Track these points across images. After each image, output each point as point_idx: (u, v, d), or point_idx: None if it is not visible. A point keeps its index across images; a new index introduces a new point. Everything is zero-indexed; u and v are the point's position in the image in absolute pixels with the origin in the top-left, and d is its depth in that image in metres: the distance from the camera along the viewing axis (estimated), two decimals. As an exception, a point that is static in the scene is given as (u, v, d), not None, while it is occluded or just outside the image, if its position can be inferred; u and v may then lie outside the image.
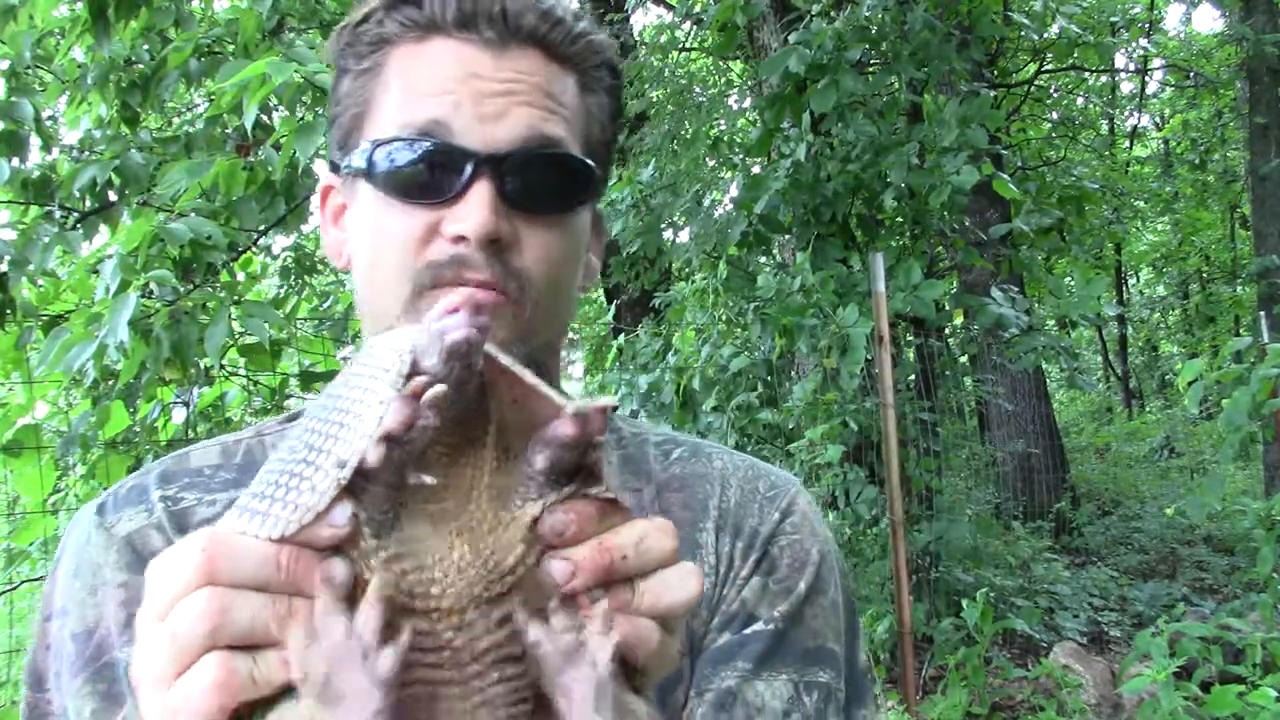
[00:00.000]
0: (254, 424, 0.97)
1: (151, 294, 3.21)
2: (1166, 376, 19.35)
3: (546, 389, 0.52)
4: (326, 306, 5.05)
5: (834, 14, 5.77)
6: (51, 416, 4.17)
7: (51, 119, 4.66)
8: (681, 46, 11.05)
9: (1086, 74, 12.29)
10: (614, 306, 9.41)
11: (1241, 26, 9.31)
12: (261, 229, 3.64)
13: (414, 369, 0.50)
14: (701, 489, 0.91)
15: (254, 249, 4.19)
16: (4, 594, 4.28)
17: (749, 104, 9.98)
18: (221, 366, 3.79)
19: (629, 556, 0.53)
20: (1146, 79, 15.20)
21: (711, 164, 8.30)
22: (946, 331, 6.70)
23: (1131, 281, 21.92)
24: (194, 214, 3.21)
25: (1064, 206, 6.45)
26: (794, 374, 6.02)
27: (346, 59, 0.84)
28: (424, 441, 0.49)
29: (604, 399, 0.51)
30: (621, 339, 6.98)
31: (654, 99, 10.16)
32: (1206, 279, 19.42)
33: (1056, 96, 12.68)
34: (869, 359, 4.83)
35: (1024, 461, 8.46)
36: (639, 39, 11.45)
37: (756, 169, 6.70)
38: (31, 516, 3.91)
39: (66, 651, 0.77)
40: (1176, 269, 19.97)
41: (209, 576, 0.49)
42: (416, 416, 0.48)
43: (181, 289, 3.27)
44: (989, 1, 6.15)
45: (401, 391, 0.49)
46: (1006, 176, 5.82)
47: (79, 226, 3.67)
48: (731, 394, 5.69)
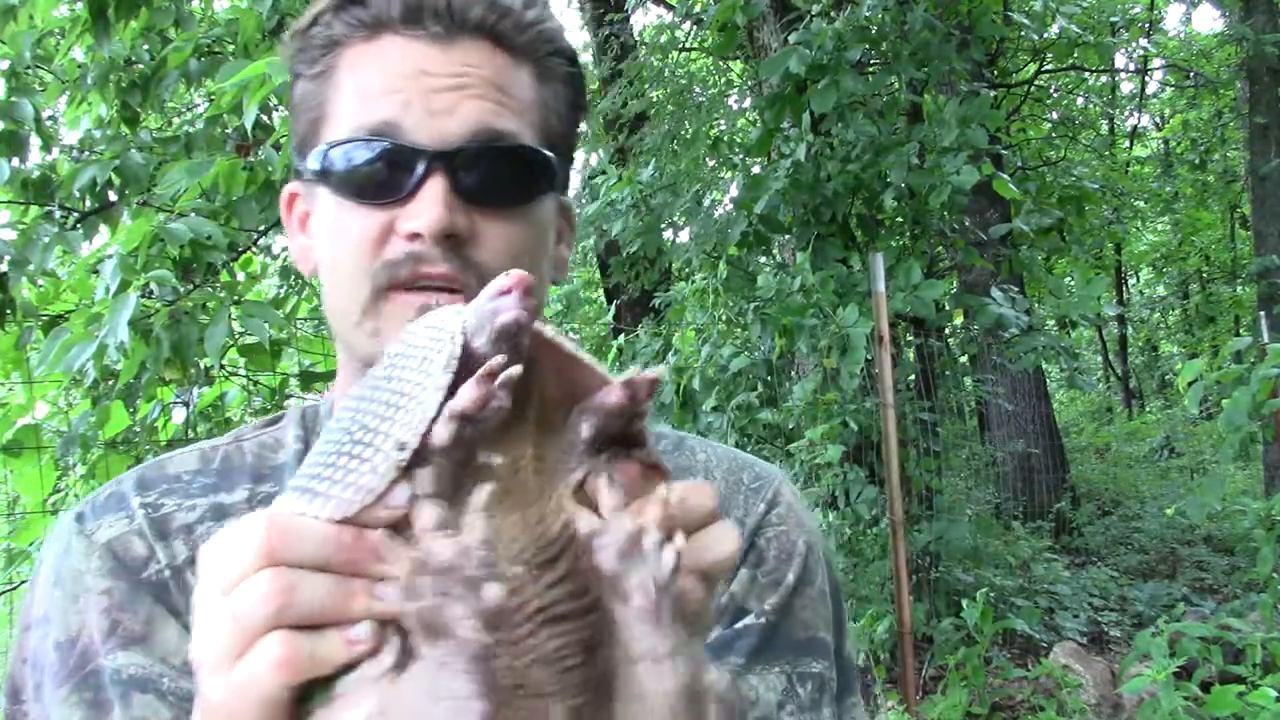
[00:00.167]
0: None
1: (151, 294, 3.21)
2: (1166, 376, 19.36)
3: (590, 360, 0.54)
4: (326, 306, 5.04)
5: (834, 14, 5.77)
6: (51, 416, 4.17)
7: (51, 119, 4.66)
8: (681, 46, 11.05)
9: (1086, 74, 12.29)
10: (614, 306, 9.41)
11: (1241, 26, 9.31)
12: (261, 229, 3.63)
13: (466, 350, 0.51)
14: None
15: (254, 249, 4.19)
16: (4, 594, 4.29)
17: (749, 104, 9.98)
18: (221, 366, 3.79)
19: (674, 515, 0.54)
20: (1146, 79, 15.22)
21: (711, 164, 8.30)
22: (946, 331, 6.70)
23: (1131, 281, 21.93)
24: (194, 214, 3.21)
25: (1064, 206, 6.46)
26: (794, 374, 6.02)
27: (299, 64, 0.84)
28: (496, 421, 0.50)
29: (654, 370, 0.53)
30: (621, 339, 6.98)
31: (654, 99, 10.16)
32: (1206, 279, 19.42)
33: (1056, 96, 12.68)
34: (869, 359, 4.83)
35: (1024, 461, 8.46)
36: (639, 39, 11.45)
37: (756, 169, 6.70)
38: (31, 516, 3.91)
39: (49, 661, 0.77)
40: (1176, 269, 19.97)
41: (272, 557, 0.49)
42: (491, 396, 0.49)
43: (181, 289, 3.27)
44: (989, 1, 6.16)
45: (476, 373, 0.49)
46: (1006, 176, 5.82)
47: (79, 226, 3.67)
48: (731, 394, 5.69)
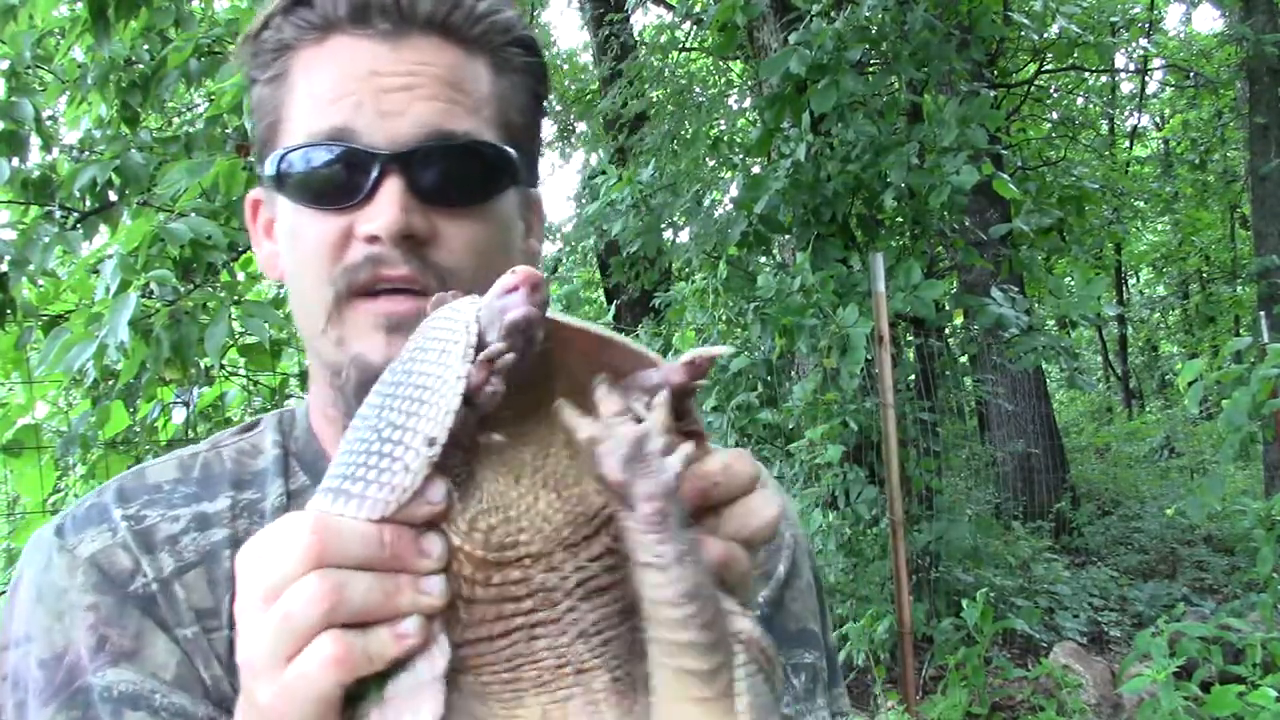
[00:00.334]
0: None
1: (152, 294, 3.21)
2: (1166, 376, 19.36)
3: (625, 341, 0.55)
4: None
5: (834, 14, 5.77)
6: (51, 416, 4.17)
7: (51, 119, 4.65)
8: (681, 46, 11.05)
9: (1086, 74, 12.29)
10: (614, 306, 9.42)
11: (1241, 26, 9.31)
12: (262, 229, 3.62)
13: (481, 340, 0.52)
14: None
15: (254, 249, 4.18)
16: (4, 594, 4.28)
17: (749, 104, 9.99)
18: (221, 366, 3.78)
19: (719, 484, 0.56)
20: (1146, 79, 15.20)
21: (711, 164, 8.31)
22: (946, 331, 6.70)
23: (1131, 281, 21.92)
24: (194, 214, 3.20)
25: (1064, 206, 6.46)
26: (794, 374, 6.02)
27: (253, 69, 0.83)
28: (492, 405, 0.51)
29: (717, 348, 0.55)
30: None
31: (654, 99, 10.17)
32: (1206, 279, 19.41)
33: (1056, 96, 12.67)
34: (869, 359, 4.83)
35: (1024, 461, 8.46)
36: (639, 39, 11.45)
37: (756, 169, 6.70)
38: (31, 516, 3.91)
39: (33, 679, 0.75)
40: (1176, 269, 19.97)
41: (320, 559, 0.50)
42: (485, 382, 0.51)
43: (182, 289, 3.27)
44: (989, 1, 6.15)
45: (473, 360, 0.51)
46: (1006, 176, 5.82)
47: (79, 226, 3.66)
48: (731, 394, 5.70)
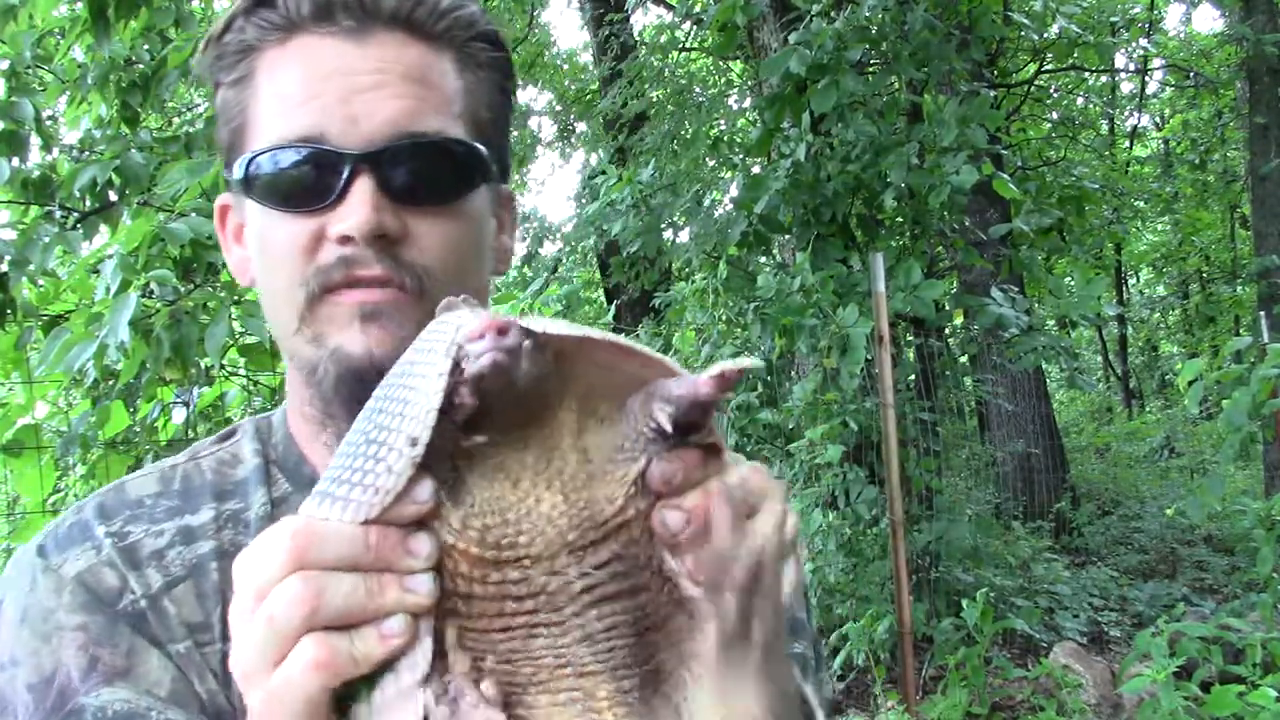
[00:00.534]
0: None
1: (152, 294, 3.21)
2: (1166, 376, 19.36)
3: (644, 349, 0.54)
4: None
5: (834, 14, 5.77)
6: (51, 416, 4.16)
7: (51, 119, 4.65)
8: (681, 46, 11.06)
9: (1086, 74, 12.29)
10: (614, 306, 9.42)
11: (1241, 26, 9.31)
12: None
13: (461, 350, 0.51)
14: None
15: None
16: None
17: (749, 104, 9.99)
18: (222, 366, 3.78)
19: (736, 498, 0.55)
20: (1146, 79, 15.20)
21: (711, 164, 8.31)
22: (946, 331, 6.70)
23: (1131, 281, 21.92)
24: (194, 214, 3.20)
25: (1064, 206, 6.45)
26: (794, 374, 6.02)
27: (217, 72, 0.82)
28: (464, 415, 0.51)
29: (746, 360, 0.53)
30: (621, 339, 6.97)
31: (654, 99, 10.17)
32: (1206, 279, 19.41)
33: (1056, 96, 12.68)
34: (869, 359, 4.83)
35: (1024, 461, 8.46)
36: (639, 39, 11.46)
37: (756, 169, 6.70)
38: (31, 516, 3.91)
39: (21, 703, 0.73)
40: (1176, 269, 19.97)
41: (300, 562, 0.50)
42: (454, 392, 0.50)
43: (182, 289, 3.27)
44: (989, 1, 6.15)
45: (448, 368, 0.50)
46: (1006, 176, 5.82)
47: (79, 226, 3.66)
48: (731, 394, 5.69)
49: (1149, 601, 6.53)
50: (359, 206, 0.75)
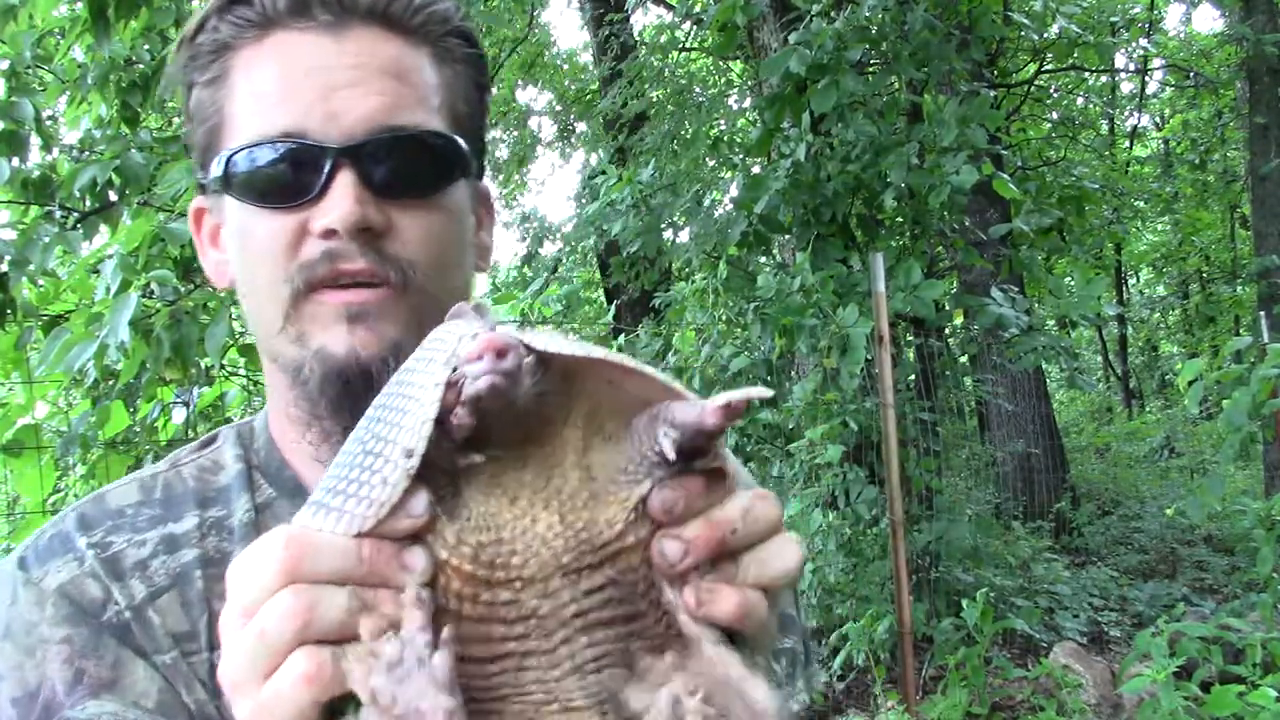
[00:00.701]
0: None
1: (152, 294, 3.21)
2: (1166, 376, 19.36)
3: (650, 370, 0.53)
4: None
5: (834, 14, 5.77)
6: (51, 416, 4.17)
7: (51, 119, 4.65)
8: (681, 46, 11.06)
9: (1086, 74, 12.29)
10: (614, 306, 9.41)
11: (1241, 26, 9.31)
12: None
13: (459, 370, 0.50)
14: None
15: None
16: None
17: (749, 104, 9.99)
18: (222, 366, 3.78)
19: (738, 530, 0.54)
20: (1146, 79, 15.20)
21: (711, 164, 8.31)
22: (946, 331, 6.70)
23: (1131, 281, 21.92)
24: (194, 214, 3.20)
25: (1064, 206, 6.45)
26: (794, 374, 6.02)
27: (191, 72, 0.81)
28: (462, 434, 0.50)
29: (757, 389, 0.52)
30: (621, 339, 6.98)
31: (654, 99, 10.18)
32: (1206, 279, 19.41)
33: (1056, 96, 12.68)
34: (869, 359, 4.83)
35: (1024, 461, 8.46)
36: (639, 39, 11.46)
37: (756, 169, 6.70)
38: (31, 516, 3.91)
39: (6, 718, 0.73)
40: (1176, 269, 19.97)
41: (292, 575, 0.49)
42: (452, 410, 0.49)
43: (182, 289, 3.27)
44: (989, 1, 6.15)
45: (446, 379, 0.49)
46: (1006, 176, 5.82)
47: (79, 226, 3.66)
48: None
49: (1149, 601, 6.54)
50: (342, 200, 0.74)
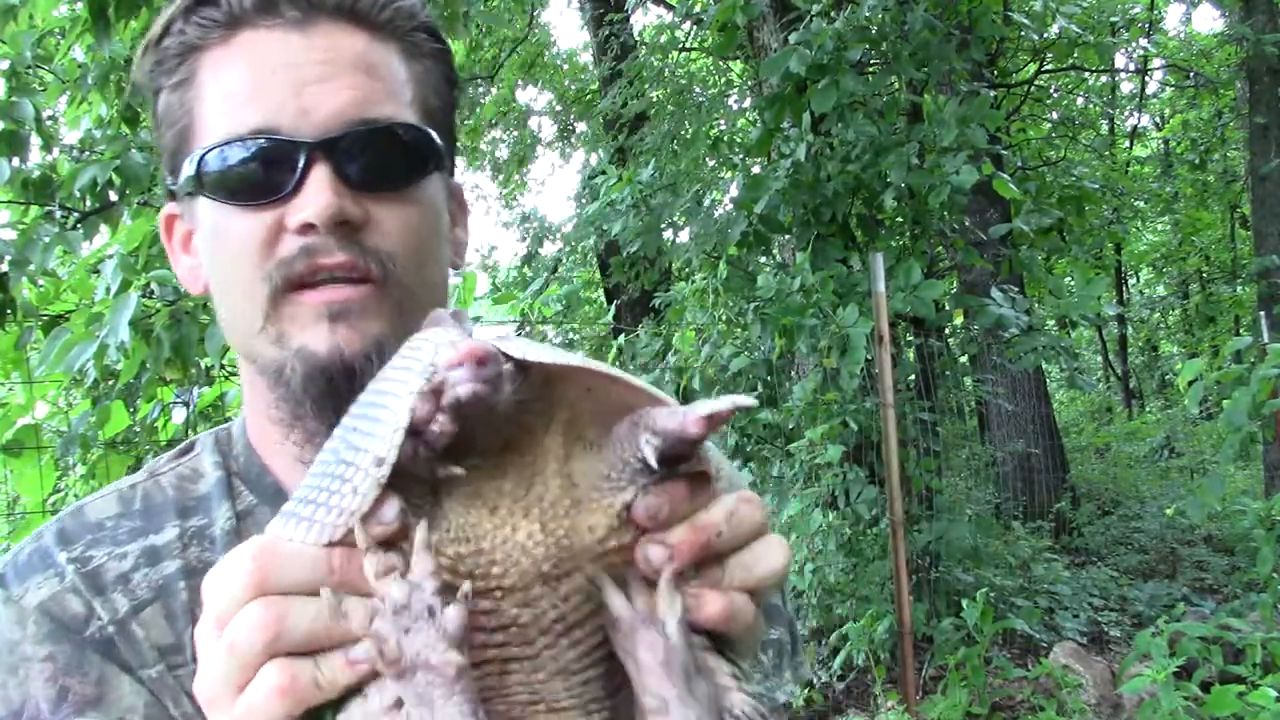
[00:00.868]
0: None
1: (152, 294, 3.21)
2: (1166, 376, 19.36)
3: (629, 378, 0.53)
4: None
5: (834, 14, 5.77)
6: (51, 416, 4.17)
7: (51, 119, 4.65)
8: (681, 46, 11.06)
9: (1086, 74, 12.29)
10: (614, 306, 9.41)
11: (1241, 26, 9.31)
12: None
13: (439, 377, 0.50)
14: None
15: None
16: None
17: (749, 104, 9.99)
18: (222, 366, 3.78)
19: (723, 533, 0.53)
20: (1146, 79, 15.20)
21: (711, 164, 8.31)
22: (946, 331, 6.70)
23: (1131, 281, 21.92)
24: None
25: (1064, 206, 6.45)
26: (794, 374, 6.02)
27: (158, 77, 0.80)
28: (442, 442, 0.49)
29: (741, 398, 0.51)
30: (621, 339, 6.98)
31: (654, 99, 10.17)
32: (1206, 279, 19.41)
33: (1056, 96, 12.67)
34: (869, 359, 4.83)
35: (1024, 461, 8.46)
36: (639, 39, 11.46)
37: (756, 169, 6.70)
38: (31, 516, 3.91)
39: None
40: (1176, 269, 19.97)
41: (261, 587, 0.49)
42: (431, 418, 0.49)
43: (182, 289, 3.26)
44: (989, 1, 6.15)
45: (422, 388, 0.49)
46: (1006, 176, 5.82)
47: (79, 226, 3.66)
48: (731, 394, 5.68)
49: (1149, 601, 6.53)
50: (318, 194, 0.73)
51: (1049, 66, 10.99)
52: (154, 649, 0.75)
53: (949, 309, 6.33)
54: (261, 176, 0.75)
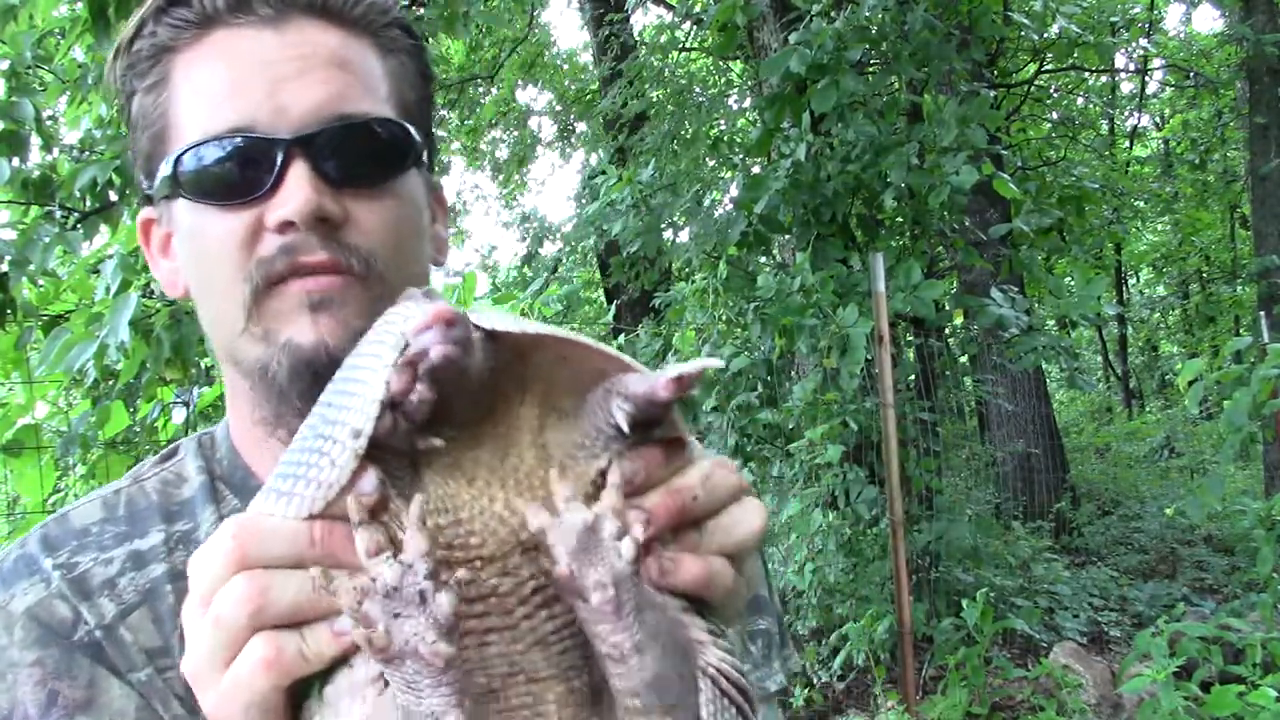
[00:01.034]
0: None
1: (152, 294, 3.21)
2: (1166, 376, 19.36)
3: (602, 346, 0.53)
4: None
5: (834, 14, 5.77)
6: (51, 416, 4.17)
7: (51, 119, 4.65)
8: (681, 46, 11.06)
9: (1086, 74, 12.29)
10: (614, 306, 9.42)
11: (1241, 26, 9.30)
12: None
13: (410, 344, 0.50)
14: None
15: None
16: None
17: (749, 104, 9.99)
18: (222, 366, 3.78)
19: (699, 497, 0.53)
20: (1146, 79, 15.20)
21: (711, 164, 8.31)
22: (946, 331, 6.70)
23: (1131, 281, 21.92)
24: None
25: (1064, 206, 6.45)
26: (794, 374, 6.02)
27: (130, 80, 0.79)
28: (421, 413, 0.49)
29: (709, 360, 0.52)
30: (621, 339, 6.98)
31: (654, 99, 10.17)
32: (1206, 279, 19.42)
33: (1056, 96, 12.67)
34: (869, 359, 4.83)
35: (1024, 461, 8.46)
36: (639, 39, 11.45)
37: (756, 169, 6.70)
38: (32, 516, 3.91)
39: None
40: (1176, 269, 19.97)
41: (243, 561, 0.49)
42: (409, 389, 0.49)
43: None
44: (989, 1, 6.15)
45: (396, 360, 0.49)
46: (1006, 176, 5.82)
47: (79, 226, 3.66)
48: (731, 394, 5.69)
49: (1149, 601, 6.53)
50: (297, 191, 0.72)
51: (1049, 66, 10.99)
52: (142, 652, 0.75)
53: (949, 309, 6.34)
54: (239, 175, 0.74)
